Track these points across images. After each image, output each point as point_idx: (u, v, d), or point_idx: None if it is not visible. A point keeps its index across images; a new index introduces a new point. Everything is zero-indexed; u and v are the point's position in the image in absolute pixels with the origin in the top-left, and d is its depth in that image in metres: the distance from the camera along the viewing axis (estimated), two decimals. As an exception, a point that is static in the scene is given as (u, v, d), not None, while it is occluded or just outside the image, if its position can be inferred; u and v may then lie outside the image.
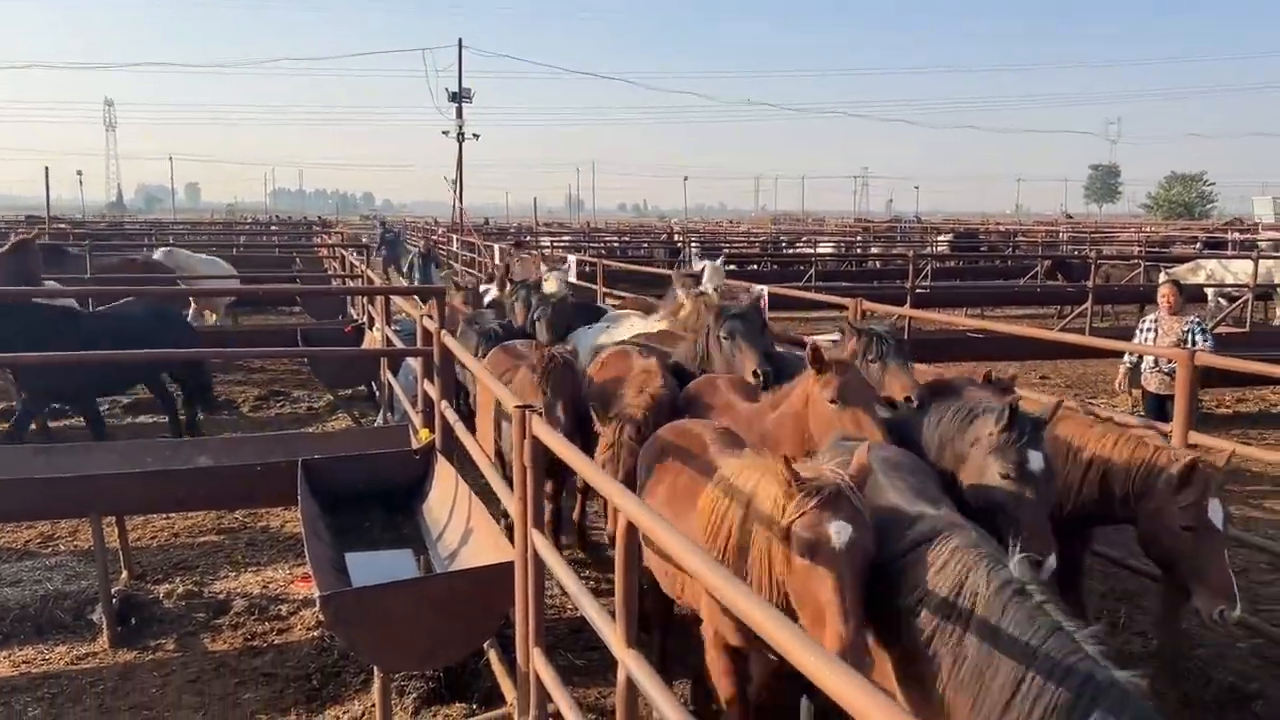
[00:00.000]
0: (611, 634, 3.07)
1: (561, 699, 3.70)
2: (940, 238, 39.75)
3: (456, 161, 51.82)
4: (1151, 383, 9.66)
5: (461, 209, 48.44)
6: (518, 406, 4.03)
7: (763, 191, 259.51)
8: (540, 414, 3.98)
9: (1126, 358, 10.09)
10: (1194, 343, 9.30)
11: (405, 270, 21.75)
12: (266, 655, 6.22)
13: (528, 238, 36.41)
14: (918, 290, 16.42)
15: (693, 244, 33.15)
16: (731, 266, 26.74)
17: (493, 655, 5.23)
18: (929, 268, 24.12)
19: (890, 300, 11.86)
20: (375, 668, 4.66)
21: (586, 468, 3.38)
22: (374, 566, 5.63)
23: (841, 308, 9.41)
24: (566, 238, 39.43)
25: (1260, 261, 19.55)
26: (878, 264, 31.95)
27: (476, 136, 55.55)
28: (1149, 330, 9.87)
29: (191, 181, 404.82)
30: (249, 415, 13.11)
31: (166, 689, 5.79)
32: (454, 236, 37.54)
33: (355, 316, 15.06)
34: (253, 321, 20.94)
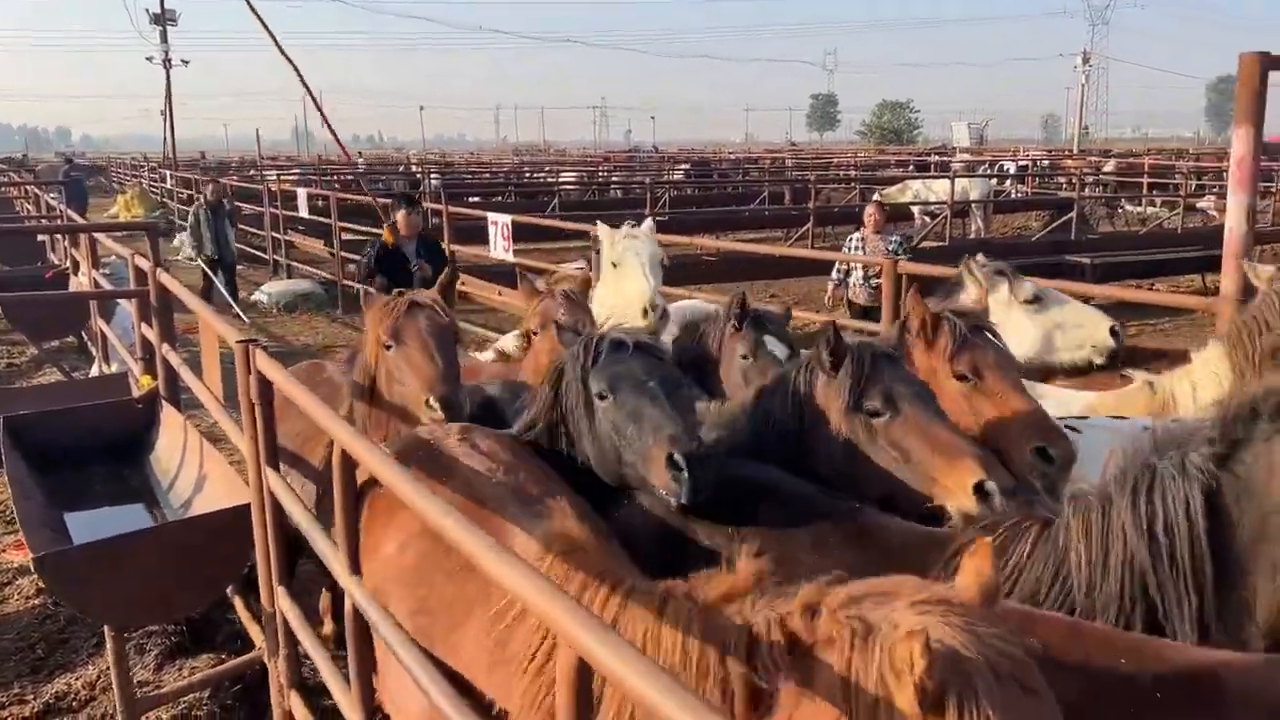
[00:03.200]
0: (337, 562, 3.05)
1: (305, 637, 3.65)
2: (678, 166, 40.96)
3: (165, 91, 47.58)
4: (860, 296, 10.41)
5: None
6: (239, 342, 3.87)
7: (503, 122, 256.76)
8: (265, 347, 3.83)
9: (834, 273, 10.83)
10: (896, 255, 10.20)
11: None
12: (-22, 631, 5.71)
13: (252, 171, 34.23)
14: (658, 217, 16.89)
15: (433, 176, 32.39)
16: (475, 198, 26.43)
17: (237, 601, 5.07)
18: (667, 196, 24.86)
19: (629, 226, 12.16)
20: (106, 627, 4.41)
21: (313, 405, 3.28)
22: (98, 523, 5.26)
23: (587, 235, 9.58)
24: (296, 171, 37.35)
25: (956, 181, 21.51)
26: (619, 193, 32.56)
27: (186, 63, 51.22)
28: (856, 248, 10.69)
29: None
30: (-64, 376, 11.72)
31: None
32: (167, 173, 34.75)
33: (56, 262, 13.69)
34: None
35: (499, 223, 11.44)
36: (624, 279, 5.23)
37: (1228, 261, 5.00)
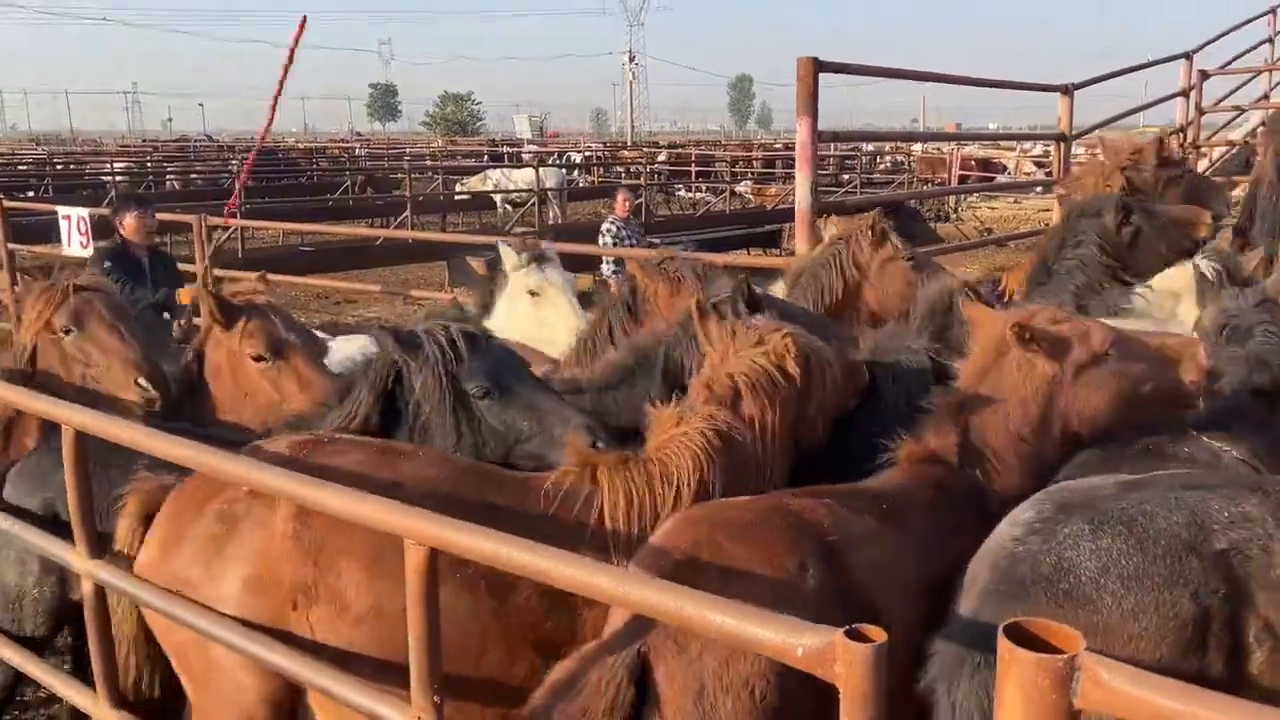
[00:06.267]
0: (72, 553, 2.97)
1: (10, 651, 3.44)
2: (241, 156, 38.70)
3: None
4: None
5: None
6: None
7: (11, 109, 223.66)
8: None
9: (608, 268, 11.60)
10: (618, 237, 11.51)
11: None
12: None
13: None
14: (244, 207, 16.15)
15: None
16: None
17: None
18: (238, 186, 23.55)
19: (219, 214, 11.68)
20: None
21: (32, 398, 3.12)
22: None
23: (187, 227, 9.12)
24: None
25: (530, 171, 22.76)
26: (177, 185, 30.19)
27: None
28: (619, 233, 11.91)
29: None
30: None
31: None
32: None
33: None
34: None
35: (73, 217, 10.37)
36: (547, 308, 4.91)
37: (800, 228, 6.14)
